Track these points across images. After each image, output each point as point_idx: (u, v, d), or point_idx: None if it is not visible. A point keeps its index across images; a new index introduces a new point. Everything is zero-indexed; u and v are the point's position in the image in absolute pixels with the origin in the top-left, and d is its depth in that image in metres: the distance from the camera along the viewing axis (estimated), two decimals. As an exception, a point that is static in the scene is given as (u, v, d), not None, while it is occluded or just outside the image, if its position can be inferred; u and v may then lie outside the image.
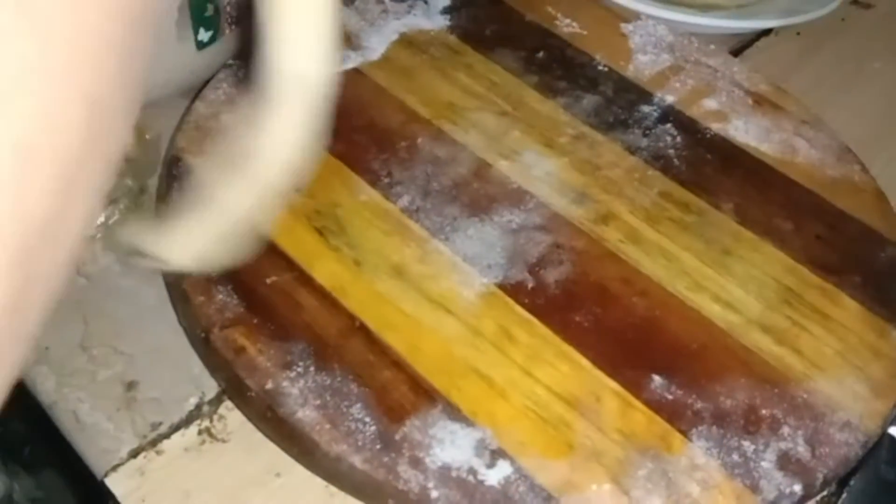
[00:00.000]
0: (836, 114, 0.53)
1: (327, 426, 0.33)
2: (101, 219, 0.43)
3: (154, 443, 0.37)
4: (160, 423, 0.37)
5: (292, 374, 0.35)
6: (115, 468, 0.36)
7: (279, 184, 0.23)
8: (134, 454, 0.36)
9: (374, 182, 0.42)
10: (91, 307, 0.41)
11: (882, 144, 0.53)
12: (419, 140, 0.44)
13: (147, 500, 0.35)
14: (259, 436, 0.37)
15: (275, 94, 0.21)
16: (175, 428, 0.37)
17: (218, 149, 0.22)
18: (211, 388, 0.38)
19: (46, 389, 0.38)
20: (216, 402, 0.38)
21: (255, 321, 0.36)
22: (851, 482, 0.36)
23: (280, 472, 0.36)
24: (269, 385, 0.34)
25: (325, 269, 0.38)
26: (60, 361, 0.39)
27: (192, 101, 0.45)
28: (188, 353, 0.39)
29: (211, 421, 0.38)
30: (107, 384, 0.38)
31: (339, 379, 0.35)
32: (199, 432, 0.37)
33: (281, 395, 0.34)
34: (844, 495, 0.36)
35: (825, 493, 0.37)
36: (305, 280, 0.38)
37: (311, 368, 0.35)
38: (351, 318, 0.37)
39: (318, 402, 0.34)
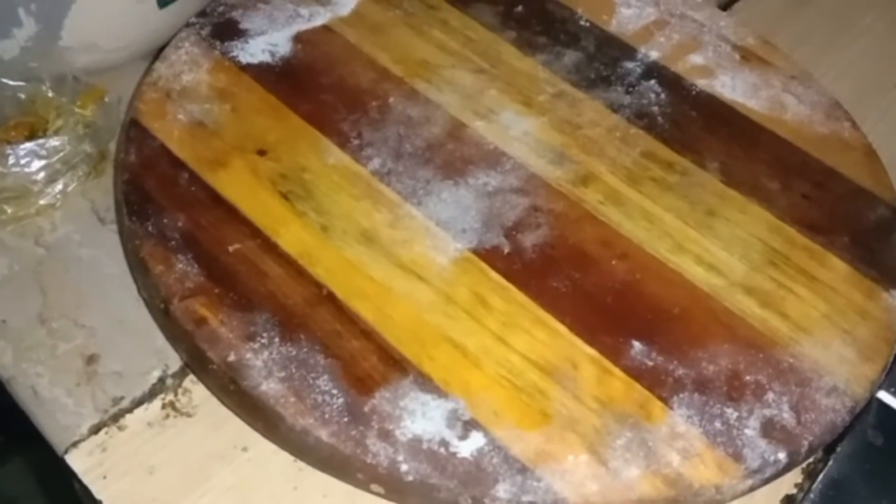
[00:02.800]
0: (826, 70, 0.52)
1: (292, 399, 0.32)
2: (60, 186, 0.42)
3: (116, 418, 0.35)
4: (122, 398, 0.36)
5: (256, 346, 0.33)
6: (75, 444, 0.35)
7: None
8: (95, 430, 0.35)
9: (343, 144, 0.40)
10: (50, 278, 0.39)
11: (873, 101, 0.51)
12: (391, 99, 0.42)
13: (109, 476, 0.34)
14: (225, 409, 0.35)
15: None
16: (138, 402, 0.36)
17: None
18: (175, 361, 0.37)
19: (4, 364, 0.37)
20: (180, 375, 0.37)
21: (217, 291, 0.35)
22: (838, 448, 0.35)
23: (247, 447, 0.35)
24: (232, 357, 0.33)
25: (291, 236, 0.37)
26: (18, 334, 0.37)
27: (153, 62, 0.43)
28: (151, 326, 0.37)
29: (175, 395, 0.36)
30: (66, 358, 0.37)
31: (305, 350, 0.33)
32: (163, 406, 0.36)
33: (244, 367, 0.33)
34: (831, 462, 0.34)
35: (811, 459, 0.35)
36: (270, 247, 0.36)
37: (276, 339, 0.34)
38: (318, 286, 0.35)
39: (282, 374, 0.33)
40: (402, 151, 0.41)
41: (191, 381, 0.37)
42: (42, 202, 0.41)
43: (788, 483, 0.35)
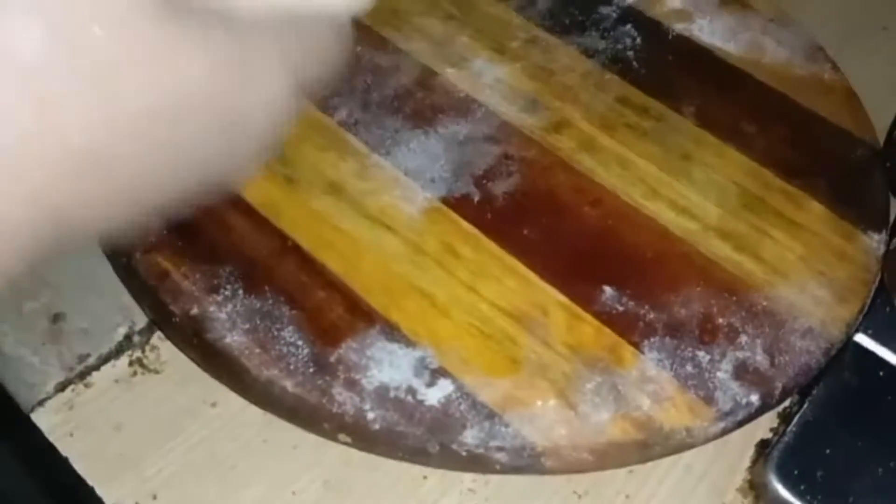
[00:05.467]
0: (813, 13, 0.50)
1: (257, 350, 0.32)
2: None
3: (82, 375, 0.35)
4: (88, 355, 0.35)
5: (219, 298, 0.33)
6: (41, 402, 0.34)
7: None
8: (61, 388, 0.34)
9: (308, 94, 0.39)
10: (14, 238, 0.39)
11: (860, 44, 0.50)
12: (358, 48, 0.41)
13: (76, 434, 0.33)
14: (194, 365, 0.35)
15: None
16: (104, 359, 0.35)
17: None
18: (141, 317, 0.36)
19: (-32, 324, 0.36)
20: (147, 331, 0.36)
21: (180, 244, 0.34)
22: (814, 391, 0.34)
23: (216, 402, 0.34)
24: (195, 310, 0.32)
25: (256, 188, 0.36)
26: (-17, 295, 0.37)
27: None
28: (117, 282, 0.37)
29: (143, 351, 0.36)
30: (32, 316, 0.36)
31: (270, 302, 0.33)
32: (130, 363, 0.35)
33: (208, 319, 0.32)
34: (806, 405, 0.34)
35: (787, 403, 0.35)
36: (234, 199, 0.35)
37: (240, 292, 0.33)
38: (283, 237, 0.35)
39: (247, 326, 0.32)
40: (369, 101, 0.40)
41: (158, 338, 0.36)
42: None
43: (764, 427, 0.35)
